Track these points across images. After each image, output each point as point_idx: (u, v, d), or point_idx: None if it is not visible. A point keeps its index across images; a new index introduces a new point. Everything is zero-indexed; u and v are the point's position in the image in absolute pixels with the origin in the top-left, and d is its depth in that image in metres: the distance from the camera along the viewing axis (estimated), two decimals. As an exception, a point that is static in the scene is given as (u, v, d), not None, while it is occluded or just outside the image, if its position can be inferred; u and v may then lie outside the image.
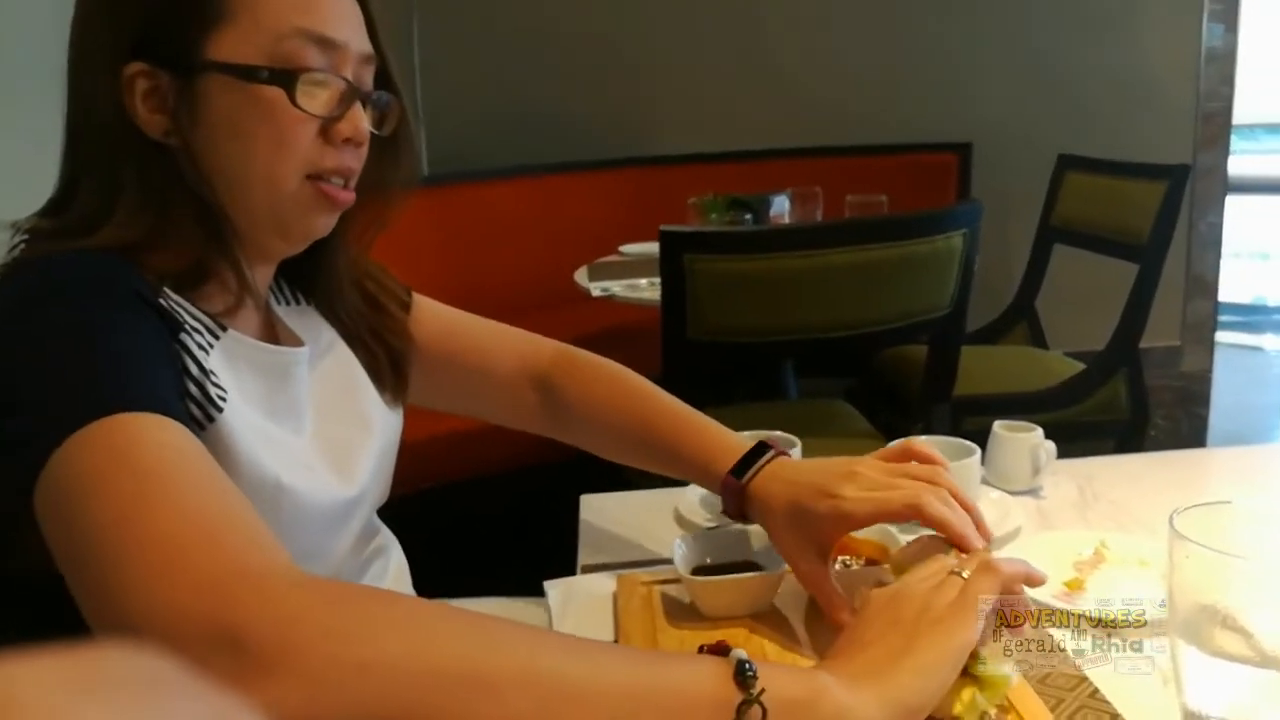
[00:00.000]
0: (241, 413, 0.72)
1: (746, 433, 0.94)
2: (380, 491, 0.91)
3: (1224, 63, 3.78)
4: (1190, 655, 0.64)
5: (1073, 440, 1.10)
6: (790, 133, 3.60)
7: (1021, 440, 1.11)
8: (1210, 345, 4.02)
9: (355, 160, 0.79)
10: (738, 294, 1.80)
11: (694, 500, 1.12)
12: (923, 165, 3.45)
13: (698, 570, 0.88)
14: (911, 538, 0.81)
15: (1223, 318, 4.11)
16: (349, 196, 0.79)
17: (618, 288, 2.34)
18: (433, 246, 3.03)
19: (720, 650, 0.61)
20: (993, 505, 1.05)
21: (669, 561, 0.89)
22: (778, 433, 1.11)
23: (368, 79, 0.80)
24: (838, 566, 0.88)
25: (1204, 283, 3.96)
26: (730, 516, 0.88)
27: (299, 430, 0.81)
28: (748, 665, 0.57)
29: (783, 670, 0.60)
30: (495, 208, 3.28)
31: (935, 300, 1.92)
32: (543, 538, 1.04)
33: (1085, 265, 2.79)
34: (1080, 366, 2.51)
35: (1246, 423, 3.74)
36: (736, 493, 0.85)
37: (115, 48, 0.72)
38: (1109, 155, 2.78)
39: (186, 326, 0.71)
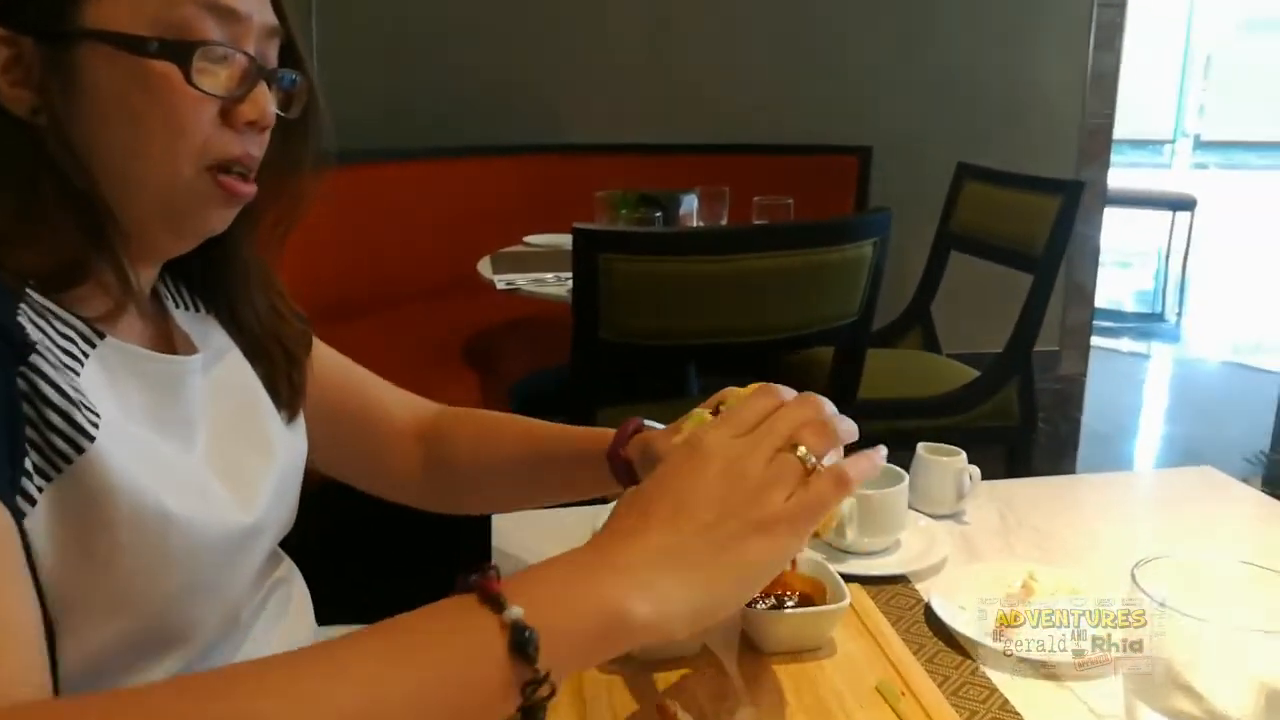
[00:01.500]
0: (120, 436, 0.62)
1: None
2: (284, 520, 0.82)
3: (1107, 82, 3.93)
4: (1143, 712, 0.63)
5: (966, 446, 1.10)
6: (696, 128, 3.58)
7: (946, 464, 1.10)
8: (1086, 350, 4.20)
9: (258, 147, 0.70)
10: (651, 295, 1.76)
11: (616, 522, 1.07)
12: (824, 167, 3.48)
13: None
14: None
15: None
16: (249, 189, 0.70)
17: (523, 282, 2.27)
18: (327, 230, 2.89)
19: (480, 588, 0.51)
20: (920, 533, 1.04)
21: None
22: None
23: (272, 55, 0.71)
24: (769, 603, 0.85)
25: (1083, 291, 4.12)
26: (621, 484, 0.85)
27: (189, 447, 0.71)
28: (526, 632, 0.49)
29: (563, 603, 0.52)
30: (392, 191, 3.15)
31: (844, 307, 1.92)
32: (452, 553, 0.99)
33: (975, 271, 2.86)
34: (970, 371, 2.57)
35: (1114, 423, 3.93)
36: (621, 460, 0.84)
37: None
38: (1000, 164, 2.86)
39: (44, 345, 0.60)
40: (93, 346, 0.64)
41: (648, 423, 0.86)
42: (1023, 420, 2.51)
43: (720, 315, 1.81)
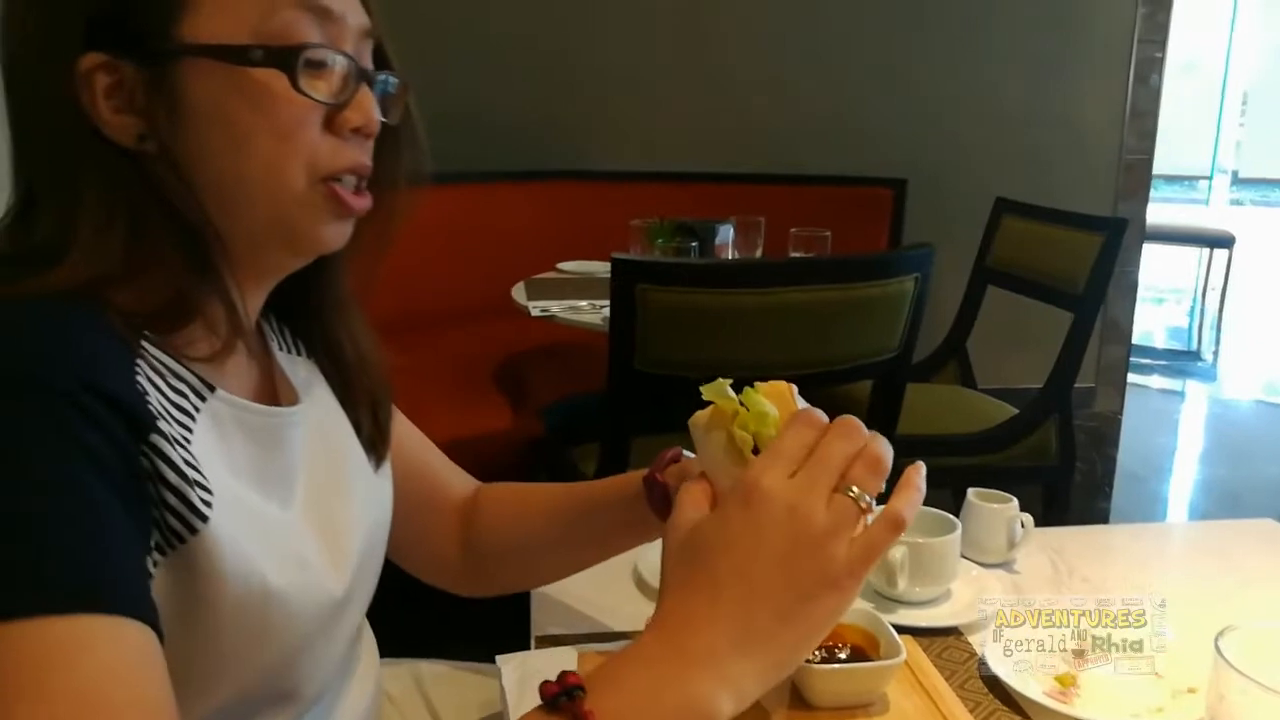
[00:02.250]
0: (230, 507, 0.59)
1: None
2: (370, 583, 0.79)
3: (1146, 118, 3.89)
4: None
5: (1003, 485, 1.08)
6: (731, 157, 3.58)
7: (998, 512, 1.08)
8: (1122, 388, 4.14)
9: (366, 155, 0.66)
10: (688, 327, 1.74)
11: (655, 562, 1.05)
12: (859, 199, 3.46)
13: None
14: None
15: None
16: (364, 202, 0.67)
17: (558, 309, 2.26)
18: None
19: (570, 713, 0.51)
20: (971, 583, 1.01)
21: (630, 636, 0.82)
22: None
23: (367, 58, 0.67)
24: (820, 655, 0.82)
25: (1119, 327, 4.07)
26: (659, 515, 0.80)
27: (288, 502, 0.69)
28: None
29: (652, 715, 0.52)
30: (429, 215, 3.14)
31: (884, 343, 1.90)
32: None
33: (1012, 307, 2.82)
34: (1006, 407, 2.53)
35: (1149, 462, 3.86)
36: (659, 485, 0.80)
37: (63, 36, 0.58)
38: (1036, 198, 2.82)
39: (159, 405, 0.57)
40: (203, 400, 0.62)
41: (687, 453, 0.84)
42: (1061, 459, 2.46)
43: (758, 348, 1.79)
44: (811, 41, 3.70)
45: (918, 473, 0.59)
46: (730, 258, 2.59)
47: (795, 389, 0.64)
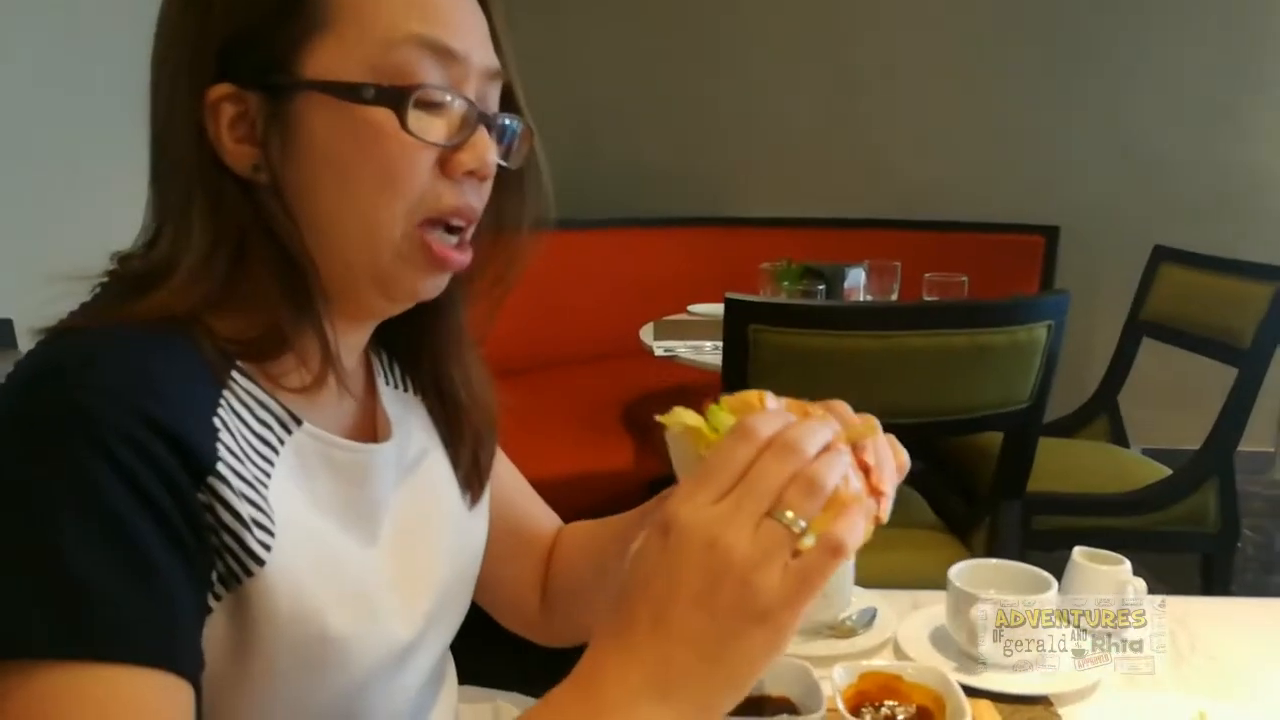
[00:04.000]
0: (298, 548, 0.59)
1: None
2: (451, 624, 0.78)
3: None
4: None
5: (1152, 551, 0.99)
6: (872, 202, 3.51)
7: (1106, 574, 0.99)
8: (1306, 454, 3.78)
9: (478, 199, 0.65)
10: (802, 369, 1.70)
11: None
12: (1007, 246, 3.32)
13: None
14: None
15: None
16: (463, 258, 0.65)
17: (681, 348, 2.26)
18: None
19: None
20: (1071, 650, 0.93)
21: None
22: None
23: (492, 100, 0.66)
24: (878, 713, 0.77)
25: (1302, 388, 3.72)
26: None
27: (371, 540, 0.68)
28: None
29: None
30: (566, 256, 3.24)
31: (1013, 393, 1.80)
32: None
33: (1171, 361, 2.65)
34: (1161, 468, 2.35)
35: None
36: None
37: (198, 66, 0.60)
38: (1202, 250, 2.63)
39: (241, 449, 0.58)
40: (289, 433, 0.62)
41: None
42: (1222, 528, 2.26)
43: (875, 393, 1.73)
44: (954, 82, 3.60)
45: (880, 503, 0.53)
46: (861, 301, 2.53)
47: (768, 396, 0.58)
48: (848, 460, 0.52)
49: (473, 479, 0.80)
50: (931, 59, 3.60)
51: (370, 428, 0.72)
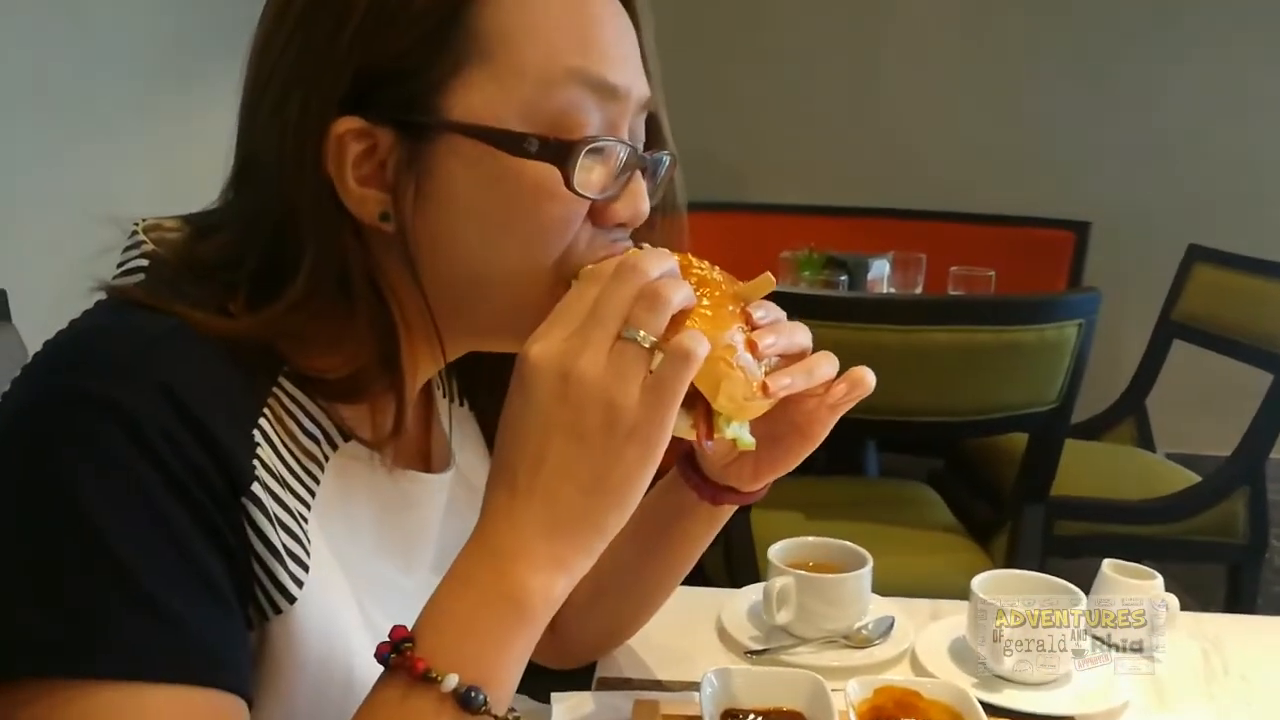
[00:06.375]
0: (331, 579, 0.55)
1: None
2: None
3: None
4: None
5: (1177, 560, 0.95)
6: (897, 192, 3.44)
7: (1137, 589, 0.93)
8: (1337, 463, 3.69)
9: (624, 246, 0.59)
10: (819, 362, 1.66)
11: (741, 610, 0.98)
12: (1036, 241, 3.24)
13: (728, 715, 0.74)
14: None
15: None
16: None
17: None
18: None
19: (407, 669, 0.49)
20: (1099, 668, 0.88)
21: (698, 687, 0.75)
22: (848, 543, 0.97)
23: (641, 133, 0.60)
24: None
25: (1336, 395, 3.63)
26: (694, 487, 0.72)
27: (409, 566, 0.64)
28: (472, 694, 0.48)
29: (487, 643, 0.50)
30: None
31: (1040, 393, 1.74)
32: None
33: (1201, 364, 2.58)
34: (1188, 474, 2.30)
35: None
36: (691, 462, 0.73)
37: (324, 95, 0.52)
38: (1238, 249, 2.56)
39: (281, 465, 0.53)
40: (334, 449, 0.58)
41: None
42: (1250, 538, 2.20)
43: (896, 392, 1.67)
44: (984, 69, 3.52)
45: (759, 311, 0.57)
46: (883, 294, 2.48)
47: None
48: (688, 287, 0.54)
49: None
50: (961, 43, 3.53)
51: (424, 452, 0.68)
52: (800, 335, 0.59)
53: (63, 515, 0.46)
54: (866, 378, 0.62)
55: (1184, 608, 0.96)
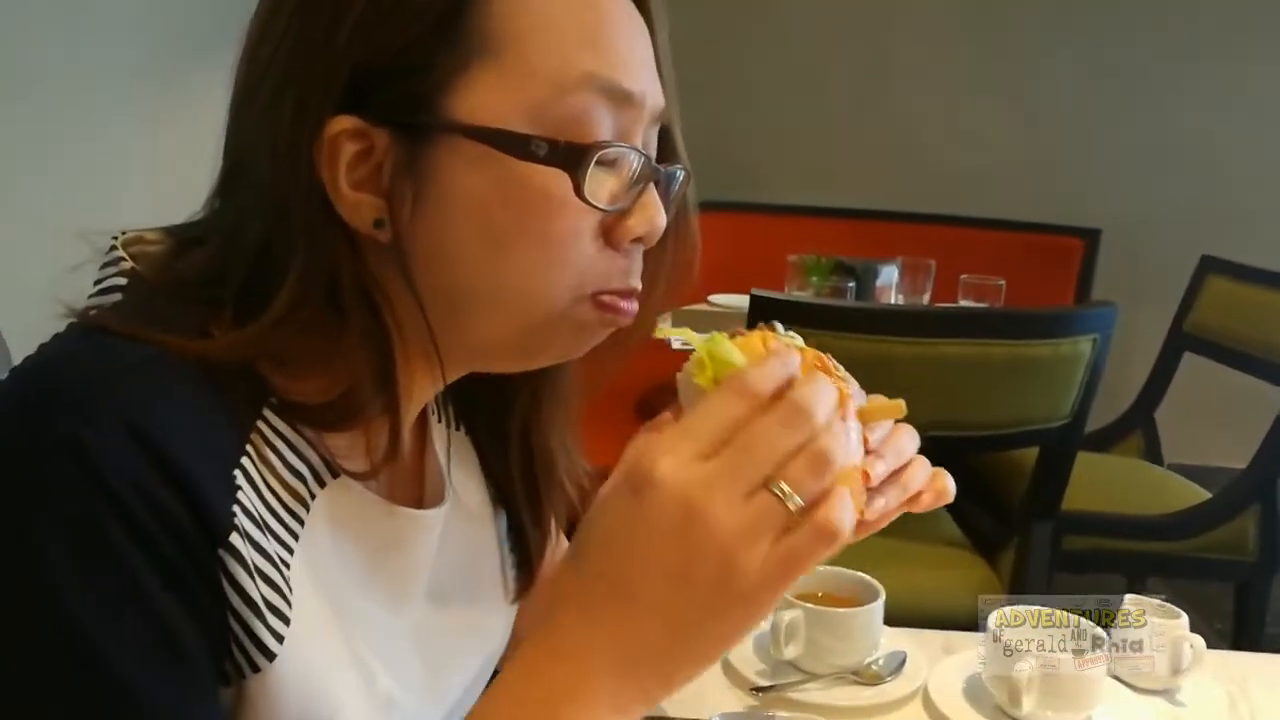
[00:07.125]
0: (312, 637, 0.50)
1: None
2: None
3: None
4: None
5: (1184, 577, 0.92)
6: (905, 194, 3.40)
7: (1162, 629, 0.89)
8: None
9: (639, 265, 0.56)
10: (829, 374, 1.62)
11: (747, 644, 0.94)
12: (1044, 247, 3.20)
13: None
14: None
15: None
16: (634, 308, 0.56)
17: (698, 342, 2.16)
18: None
19: None
20: (1120, 711, 0.84)
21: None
22: (860, 573, 0.93)
23: (654, 145, 0.57)
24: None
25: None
26: None
27: (399, 608, 0.59)
28: None
29: None
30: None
31: (1053, 409, 1.70)
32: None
33: (1212, 377, 2.55)
34: (1197, 489, 2.26)
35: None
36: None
37: (319, 92, 0.49)
38: (1251, 260, 2.52)
39: (263, 508, 0.49)
40: (322, 486, 0.53)
41: None
42: (1261, 557, 2.16)
43: (909, 405, 1.63)
44: (996, 72, 3.48)
45: (889, 490, 0.50)
46: (893, 301, 2.44)
47: (778, 332, 0.52)
48: (858, 431, 0.48)
49: (526, 571, 0.70)
50: (972, 46, 3.49)
51: (418, 483, 0.63)
52: (908, 446, 0.53)
53: (14, 568, 0.42)
54: (949, 488, 0.56)
55: (1192, 626, 0.93)
